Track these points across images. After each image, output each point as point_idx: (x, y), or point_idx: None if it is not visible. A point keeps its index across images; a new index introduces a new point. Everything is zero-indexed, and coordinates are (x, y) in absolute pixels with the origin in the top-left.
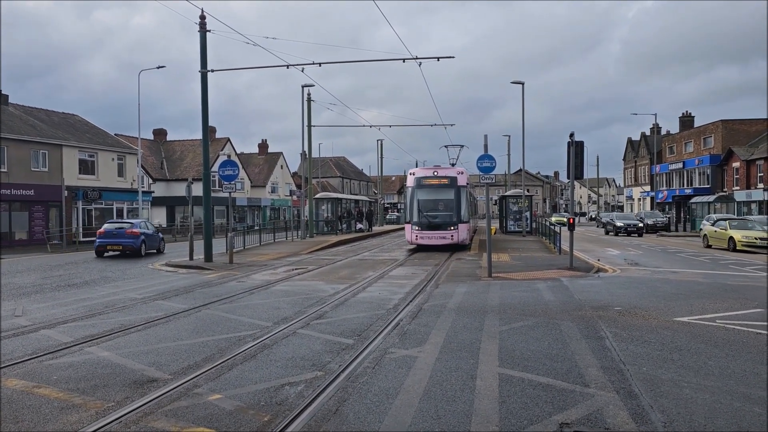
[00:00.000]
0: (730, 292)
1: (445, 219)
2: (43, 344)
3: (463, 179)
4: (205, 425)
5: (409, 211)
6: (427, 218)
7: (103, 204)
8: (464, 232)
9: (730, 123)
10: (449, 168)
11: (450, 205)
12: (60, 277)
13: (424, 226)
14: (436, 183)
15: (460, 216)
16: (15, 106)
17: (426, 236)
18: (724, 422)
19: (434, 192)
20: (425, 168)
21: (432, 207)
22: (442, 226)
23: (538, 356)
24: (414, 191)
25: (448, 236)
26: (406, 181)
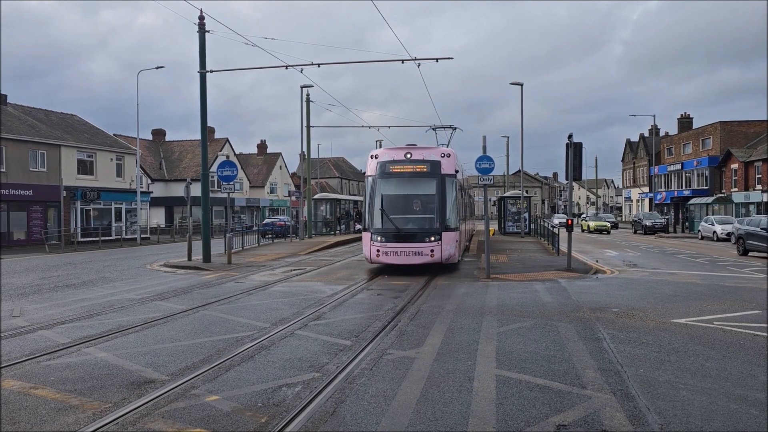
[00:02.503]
0: (728, 294)
1: (422, 225)
2: (41, 345)
3: (449, 165)
4: (203, 426)
5: (368, 213)
6: (395, 224)
7: (102, 204)
8: (451, 243)
9: (728, 124)
10: (429, 148)
11: (430, 203)
12: (58, 277)
13: (389, 236)
14: (410, 171)
15: (445, 219)
16: (13, 105)
17: (392, 251)
18: (720, 424)
19: (406, 184)
20: (394, 148)
21: (402, 207)
22: (416, 237)
23: (536, 358)
24: (376, 183)
25: (426, 251)
26: (366, 169)
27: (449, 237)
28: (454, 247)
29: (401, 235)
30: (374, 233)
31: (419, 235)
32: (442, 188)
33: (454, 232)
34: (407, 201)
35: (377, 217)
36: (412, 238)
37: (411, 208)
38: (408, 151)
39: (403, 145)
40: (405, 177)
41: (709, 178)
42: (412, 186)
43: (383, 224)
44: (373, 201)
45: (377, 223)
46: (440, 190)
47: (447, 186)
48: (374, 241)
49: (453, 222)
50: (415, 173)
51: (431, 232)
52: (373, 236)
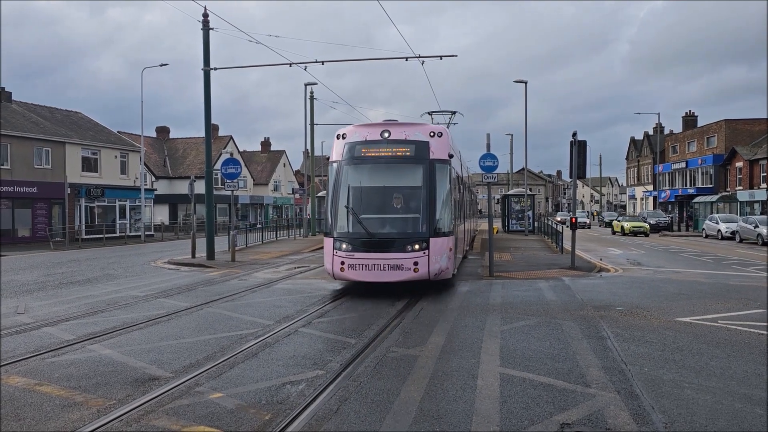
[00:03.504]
0: (733, 293)
1: (403, 229)
2: (46, 342)
3: (441, 147)
4: (206, 424)
5: (330, 212)
6: (365, 227)
7: (106, 201)
8: (443, 253)
9: (733, 123)
10: (414, 125)
11: (414, 199)
12: (62, 274)
13: (357, 243)
14: (387, 155)
15: (435, 220)
16: (18, 103)
17: (362, 263)
18: (725, 423)
19: (382, 173)
20: (367, 125)
21: (377, 204)
22: (395, 245)
23: (540, 356)
24: (341, 172)
25: (407, 264)
26: (331, 153)
27: (440, 244)
28: (446, 259)
29: (374, 243)
30: (338, 239)
31: (399, 243)
32: (430, 178)
33: (447, 238)
34: (383, 196)
35: (342, 217)
36: (389, 247)
37: (389, 206)
38: (385, 128)
39: (379, 121)
40: (381, 163)
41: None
42: (390, 175)
43: (350, 227)
44: (337, 195)
45: (342, 226)
46: (428, 181)
47: (438, 175)
48: (338, 250)
49: (446, 223)
50: (394, 158)
51: (415, 238)
52: (336, 243)
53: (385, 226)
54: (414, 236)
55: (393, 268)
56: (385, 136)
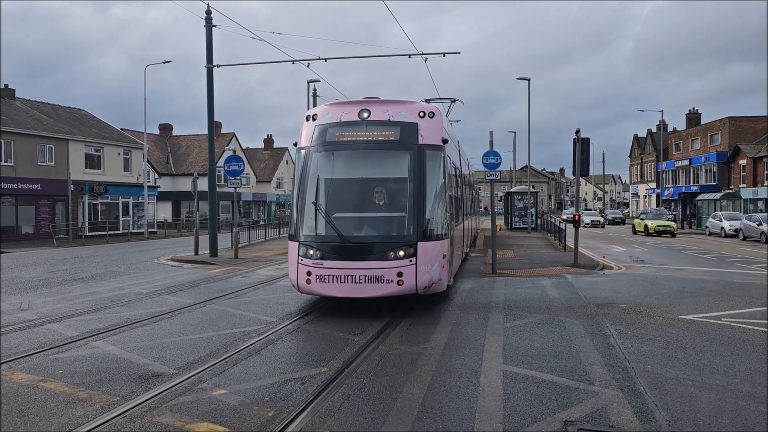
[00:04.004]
0: (736, 290)
1: (385, 230)
2: (49, 338)
3: (433, 130)
4: (210, 420)
5: (296, 210)
6: (337, 229)
7: (109, 198)
8: (434, 260)
9: (737, 120)
10: (400, 103)
11: (399, 195)
12: (66, 271)
13: (327, 248)
14: (366, 139)
15: (425, 220)
16: (21, 100)
17: (333, 274)
18: (728, 421)
19: (360, 162)
20: (342, 103)
21: (352, 200)
22: (374, 251)
23: (543, 353)
24: (310, 161)
25: (389, 275)
26: (299, 138)
27: (431, 250)
28: (439, 267)
29: (348, 248)
30: (304, 244)
31: (379, 249)
32: (419, 168)
33: (440, 242)
34: (361, 190)
35: (309, 216)
36: (367, 254)
37: (367, 203)
38: (365, 107)
39: (359, 98)
40: (358, 150)
41: (717, 174)
42: (369, 165)
43: (318, 229)
44: (303, 190)
45: (309, 227)
46: (417, 172)
47: (429, 164)
48: (303, 258)
49: (439, 224)
50: (374, 144)
51: (400, 243)
52: (301, 249)
53: (363, 227)
54: (398, 240)
55: (371, 281)
56: (364, 116)
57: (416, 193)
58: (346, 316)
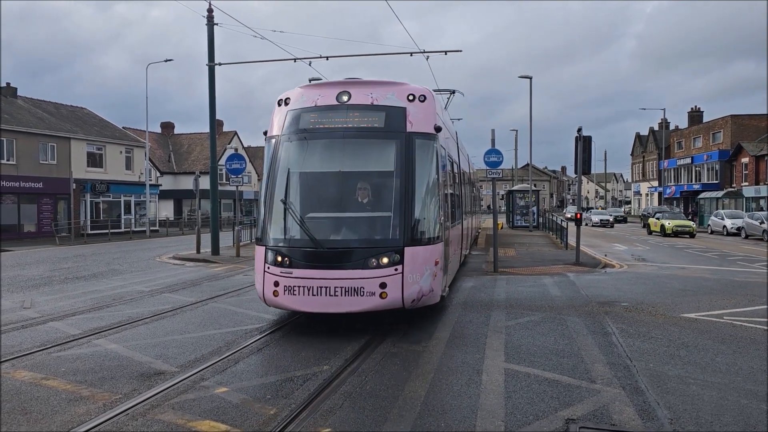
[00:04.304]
0: (738, 289)
1: (367, 234)
2: (52, 336)
3: (424, 116)
4: (212, 418)
5: (264, 210)
6: (310, 232)
7: (111, 197)
8: (425, 269)
9: (739, 118)
10: (385, 84)
11: (383, 191)
12: (68, 269)
13: (298, 255)
14: (345, 126)
15: (413, 222)
16: (24, 98)
17: (304, 285)
18: (730, 419)
19: (338, 153)
20: (319, 85)
21: (328, 198)
22: (353, 258)
23: (544, 351)
24: (280, 152)
25: (370, 286)
26: (269, 126)
27: (422, 256)
28: (430, 276)
29: (322, 255)
30: (272, 249)
31: (359, 255)
32: (407, 160)
33: (432, 247)
34: (338, 186)
35: (278, 216)
36: (344, 261)
37: (346, 201)
38: (344, 88)
39: (339, 80)
40: (335, 138)
41: (720, 172)
42: (348, 156)
43: (288, 231)
44: (272, 186)
45: (277, 230)
46: (405, 165)
47: (419, 156)
48: (271, 265)
49: (431, 225)
50: (355, 131)
51: (384, 248)
52: (269, 255)
53: (340, 230)
54: (381, 245)
55: (349, 293)
56: (344, 99)
57: (404, 190)
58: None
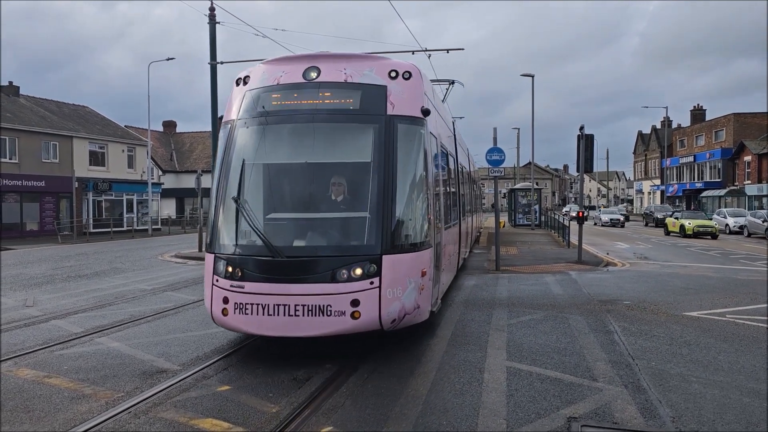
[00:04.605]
0: (741, 287)
1: (336, 239)
2: (54, 334)
3: (408, 95)
4: (214, 416)
5: (214, 211)
6: (264, 238)
7: (113, 195)
8: (407, 281)
9: (741, 116)
10: (361, 59)
11: (357, 187)
12: (70, 267)
13: (251, 266)
14: (312, 109)
15: (394, 223)
16: (26, 97)
17: (258, 302)
18: (733, 417)
19: (303, 140)
20: (283, 60)
21: (291, 195)
22: (318, 269)
23: (546, 350)
24: (236, 139)
25: (338, 303)
26: (226, 110)
27: (404, 265)
28: (415, 290)
29: (281, 265)
30: (221, 258)
31: (326, 265)
32: (388, 149)
33: (418, 254)
34: (303, 181)
35: (229, 218)
36: (308, 272)
37: (311, 199)
38: (313, 63)
39: (305, 54)
40: (300, 123)
41: (722, 171)
42: (315, 145)
43: (241, 236)
44: (224, 181)
45: (228, 235)
46: (384, 155)
47: (402, 144)
48: (220, 277)
49: (417, 227)
50: (324, 115)
51: (357, 257)
52: (218, 264)
53: (303, 234)
54: (354, 252)
55: (313, 312)
56: (312, 76)
57: (383, 185)
58: None
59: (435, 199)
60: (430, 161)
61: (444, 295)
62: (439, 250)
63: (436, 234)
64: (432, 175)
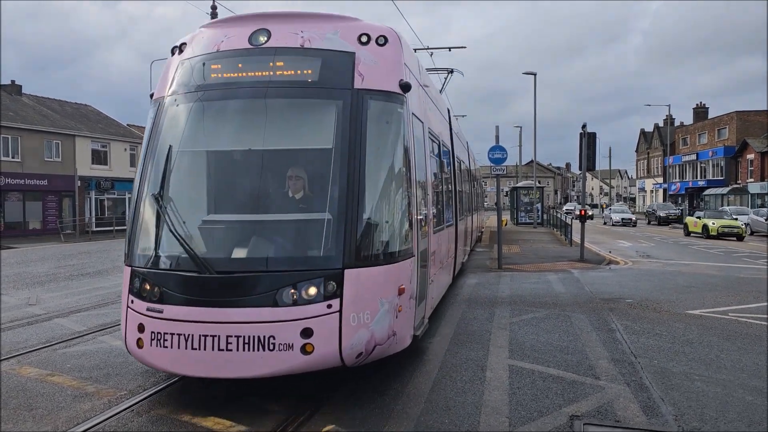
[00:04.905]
0: (744, 285)
1: (284, 249)
2: (57, 333)
3: (382, 65)
4: (216, 414)
5: (134, 211)
6: (190, 249)
7: (116, 194)
8: (378, 302)
9: (744, 114)
10: (321, 18)
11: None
12: (73, 266)
13: (172, 284)
14: (258, 81)
15: (359, 228)
16: (28, 96)
17: (182, 332)
18: (735, 415)
19: (246, 125)
20: (227, 21)
21: (228, 195)
22: (255, 290)
23: (549, 348)
24: (164, 122)
25: (284, 333)
26: (157, 86)
27: (375, 282)
28: (389, 313)
29: (210, 284)
30: (138, 272)
31: (269, 283)
32: (354, 132)
33: (394, 266)
34: (244, 174)
35: (149, 221)
36: (245, 293)
37: (255, 197)
38: (263, 25)
39: (259, 11)
40: (243, 99)
41: (725, 169)
42: (262, 128)
43: (161, 244)
44: (146, 173)
45: (147, 242)
46: (350, 139)
47: (373, 125)
48: (136, 297)
49: (393, 232)
50: (274, 86)
51: (311, 271)
52: (134, 282)
53: (245, 242)
54: (307, 266)
55: (251, 346)
56: (260, 41)
57: (347, 178)
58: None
59: (422, 196)
60: (412, 149)
61: (445, 294)
62: (427, 259)
63: (421, 239)
64: (416, 167)
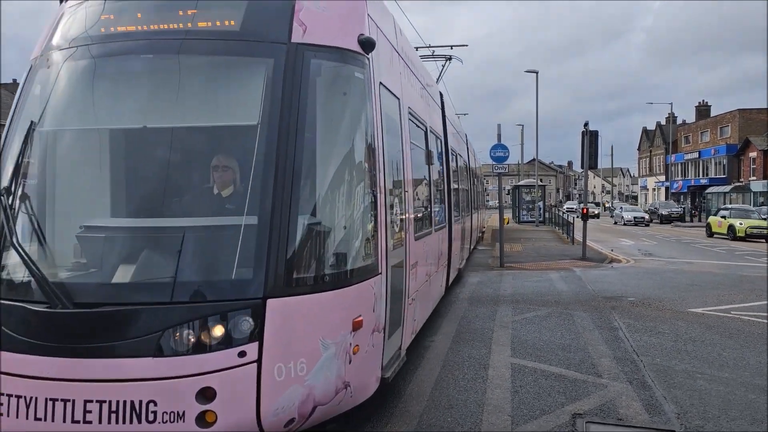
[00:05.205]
0: (746, 283)
1: (173, 272)
2: None
3: (335, 14)
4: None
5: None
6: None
7: None
8: (322, 347)
9: (747, 112)
10: None
11: (243, 172)
12: None
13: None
14: (164, 34)
15: (292, 236)
16: None
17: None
18: (737, 413)
19: (144, 93)
20: None
21: (135, 191)
22: (131, 332)
23: (551, 346)
24: (36, 88)
25: (172, 399)
26: (38, 42)
27: (313, 314)
28: (339, 358)
29: (66, 322)
30: None
31: (150, 322)
32: (288, 103)
33: (347, 290)
34: (137, 161)
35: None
36: (117, 336)
37: (149, 194)
38: None
39: None
40: (140, 56)
41: (727, 167)
42: (164, 96)
43: (3, 264)
44: (4, 158)
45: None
46: (281, 113)
47: (318, 93)
48: None
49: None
50: (185, 41)
51: (214, 302)
52: None
53: (131, 259)
54: (209, 294)
55: (121, 417)
56: None
57: (277, 166)
58: None
59: (398, 193)
60: (379, 130)
61: (447, 292)
62: (403, 274)
63: (394, 249)
64: (387, 155)
